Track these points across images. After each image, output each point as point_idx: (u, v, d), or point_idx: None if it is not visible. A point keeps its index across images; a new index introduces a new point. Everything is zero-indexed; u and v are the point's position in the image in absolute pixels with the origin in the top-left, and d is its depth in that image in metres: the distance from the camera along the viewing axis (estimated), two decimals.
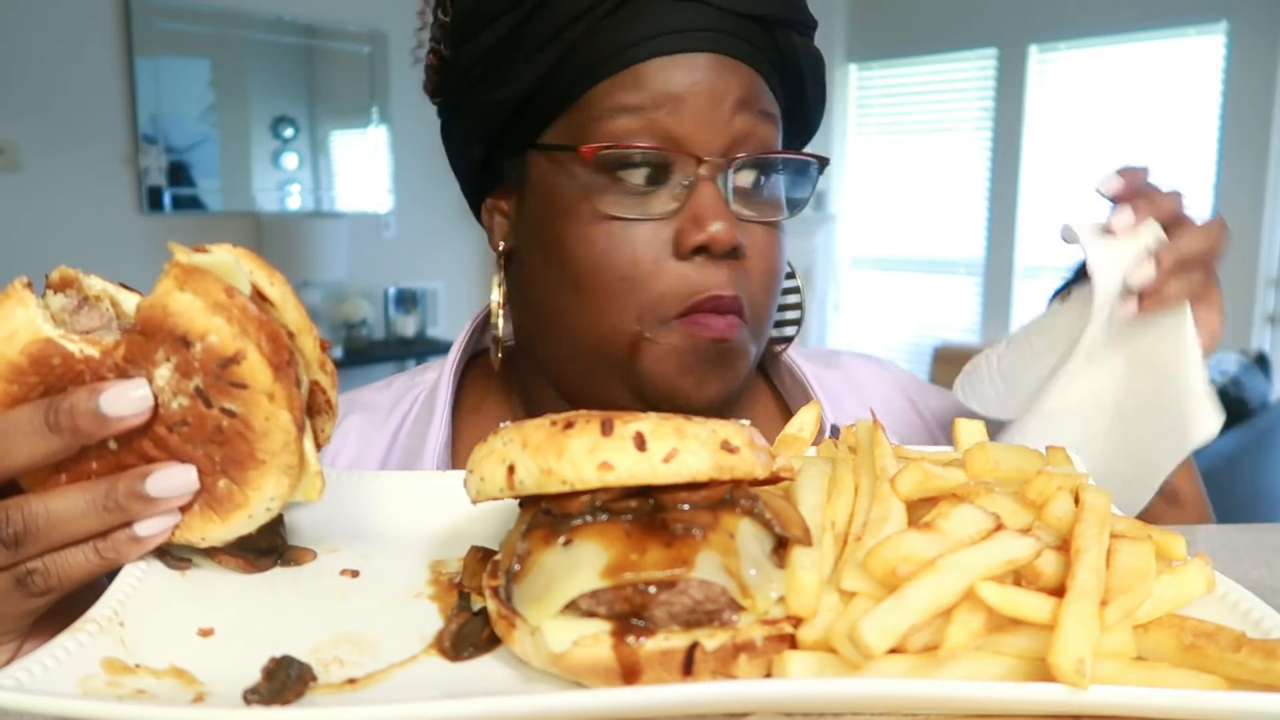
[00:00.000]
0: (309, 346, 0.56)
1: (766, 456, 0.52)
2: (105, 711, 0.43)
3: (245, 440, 0.52)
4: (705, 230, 0.77)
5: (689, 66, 0.79)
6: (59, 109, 4.56)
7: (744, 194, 0.82)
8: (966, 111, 5.80)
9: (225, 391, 0.50)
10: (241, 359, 0.50)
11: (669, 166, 0.80)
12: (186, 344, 0.50)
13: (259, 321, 0.51)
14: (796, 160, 0.85)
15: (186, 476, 0.52)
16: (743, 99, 0.80)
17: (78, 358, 0.51)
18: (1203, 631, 0.47)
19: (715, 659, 0.47)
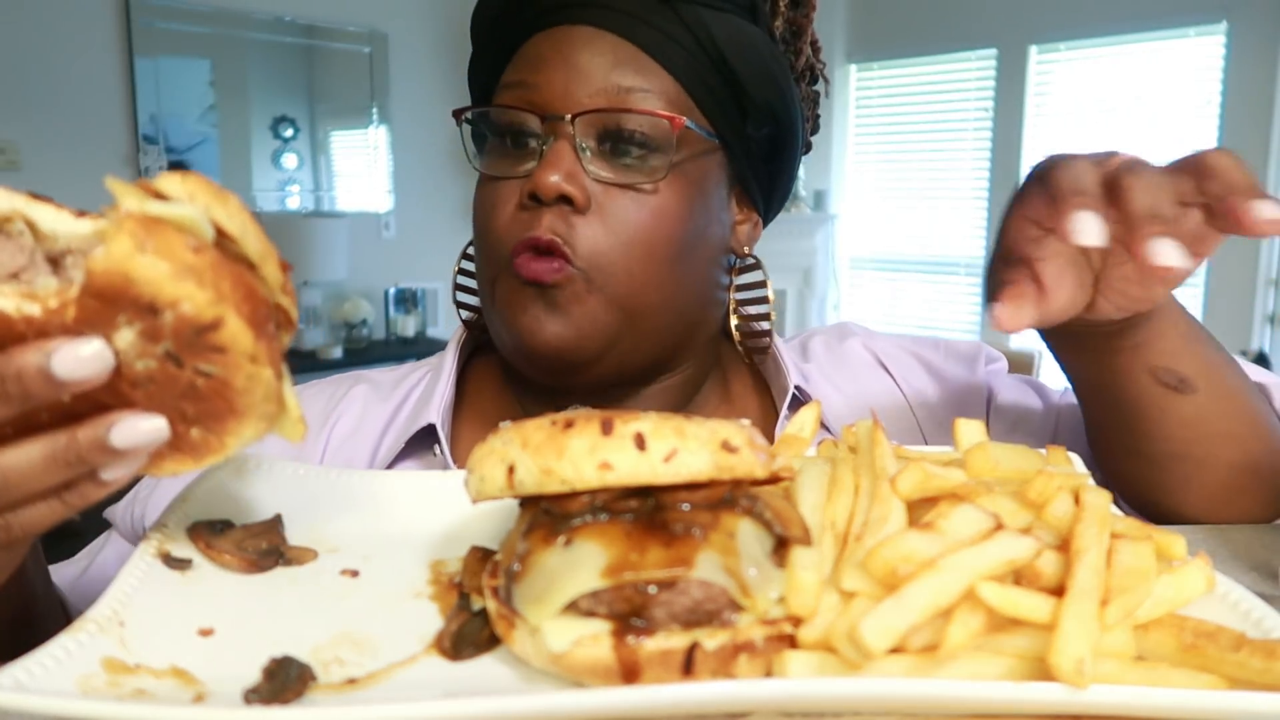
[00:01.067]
0: (271, 272, 0.51)
1: (766, 456, 0.52)
2: (105, 711, 0.43)
3: (223, 397, 0.48)
4: (534, 179, 0.83)
5: (559, 38, 0.86)
6: (59, 109, 4.56)
7: (603, 156, 0.85)
8: (966, 111, 5.80)
9: (201, 355, 0.46)
10: (220, 325, 0.45)
11: (531, 128, 0.86)
12: (154, 311, 0.45)
13: (233, 278, 0.46)
14: (658, 125, 0.85)
15: (156, 427, 0.48)
16: (611, 66, 0.84)
17: (15, 318, 0.44)
18: (1203, 631, 0.47)
19: (715, 659, 0.47)
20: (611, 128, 0.84)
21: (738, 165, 0.93)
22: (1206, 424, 0.82)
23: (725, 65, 0.87)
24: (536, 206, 0.84)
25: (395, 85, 5.57)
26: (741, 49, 0.88)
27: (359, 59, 5.48)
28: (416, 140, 5.73)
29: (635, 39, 0.85)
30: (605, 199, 0.85)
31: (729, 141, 0.91)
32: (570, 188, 0.82)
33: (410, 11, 5.58)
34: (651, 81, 0.85)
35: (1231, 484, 0.84)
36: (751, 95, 0.90)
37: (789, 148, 0.96)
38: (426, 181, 5.83)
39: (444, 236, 5.98)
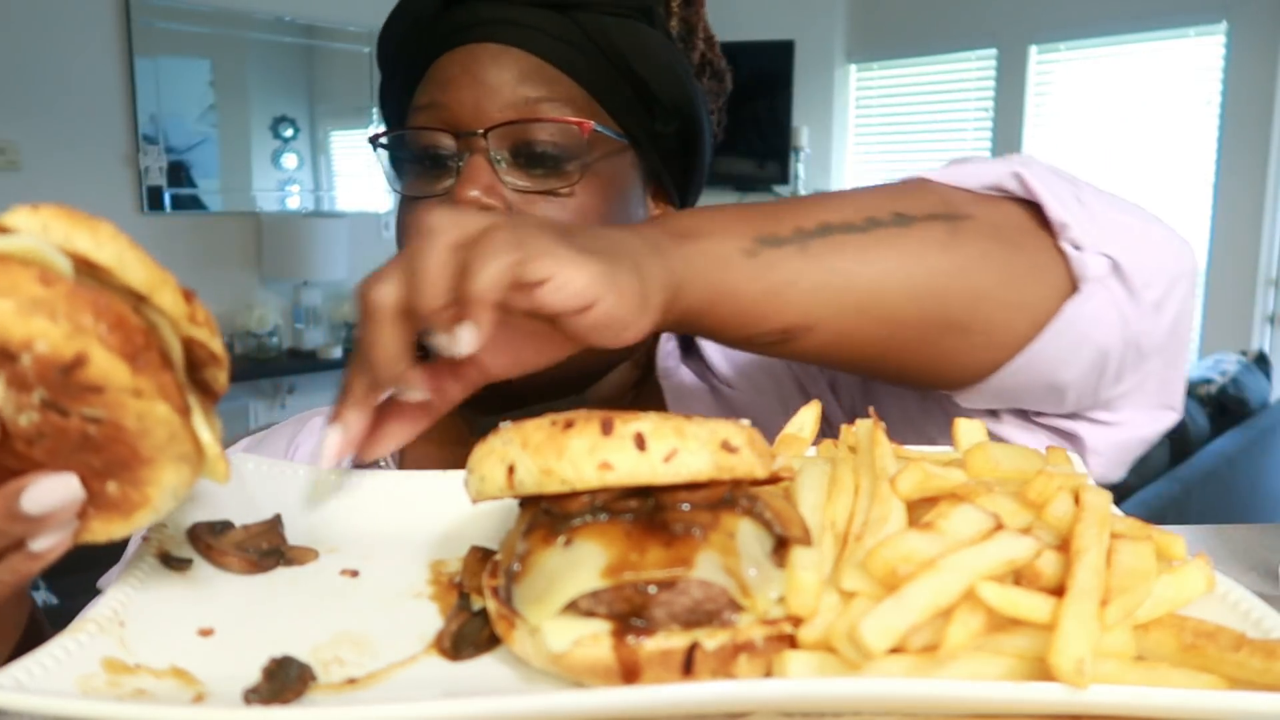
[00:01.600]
0: (169, 301, 0.47)
1: (766, 456, 0.52)
2: (105, 711, 0.43)
3: (122, 442, 0.44)
4: (453, 196, 0.85)
5: (465, 57, 0.88)
6: (59, 109, 4.56)
7: (518, 166, 0.87)
8: (966, 111, 5.80)
9: (79, 398, 0.42)
10: (85, 361, 0.41)
11: (445, 147, 0.88)
12: (10, 357, 0.40)
13: (94, 308, 0.41)
14: (567, 131, 0.87)
15: (67, 487, 0.45)
16: (518, 80, 0.87)
17: None
18: (1203, 631, 0.47)
19: (715, 659, 0.47)
20: (523, 138, 0.86)
21: (650, 162, 0.95)
22: (845, 343, 0.71)
23: (627, 68, 0.90)
24: None
25: None
26: (641, 51, 0.90)
27: (359, 59, 5.48)
28: None
29: (539, 51, 0.87)
30: (525, 206, 0.86)
31: (639, 140, 0.93)
32: (489, 200, 0.84)
33: None
34: (558, 90, 0.87)
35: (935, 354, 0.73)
36: (656, 94, 0.92)
37: (698, 141, 0.98)
38: None
39: None
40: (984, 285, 0.71)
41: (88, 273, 0.44)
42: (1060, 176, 0.75)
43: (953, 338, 0.72)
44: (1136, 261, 0.72)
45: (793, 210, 0.71)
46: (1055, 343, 0.71)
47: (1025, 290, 0.71)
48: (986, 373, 0.73)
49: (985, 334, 0.71)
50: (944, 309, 0.70)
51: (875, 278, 0.69)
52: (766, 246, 0.68)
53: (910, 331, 0.71)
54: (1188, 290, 0.75)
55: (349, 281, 5.42)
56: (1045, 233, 0.72)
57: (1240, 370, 3.93)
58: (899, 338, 0.71)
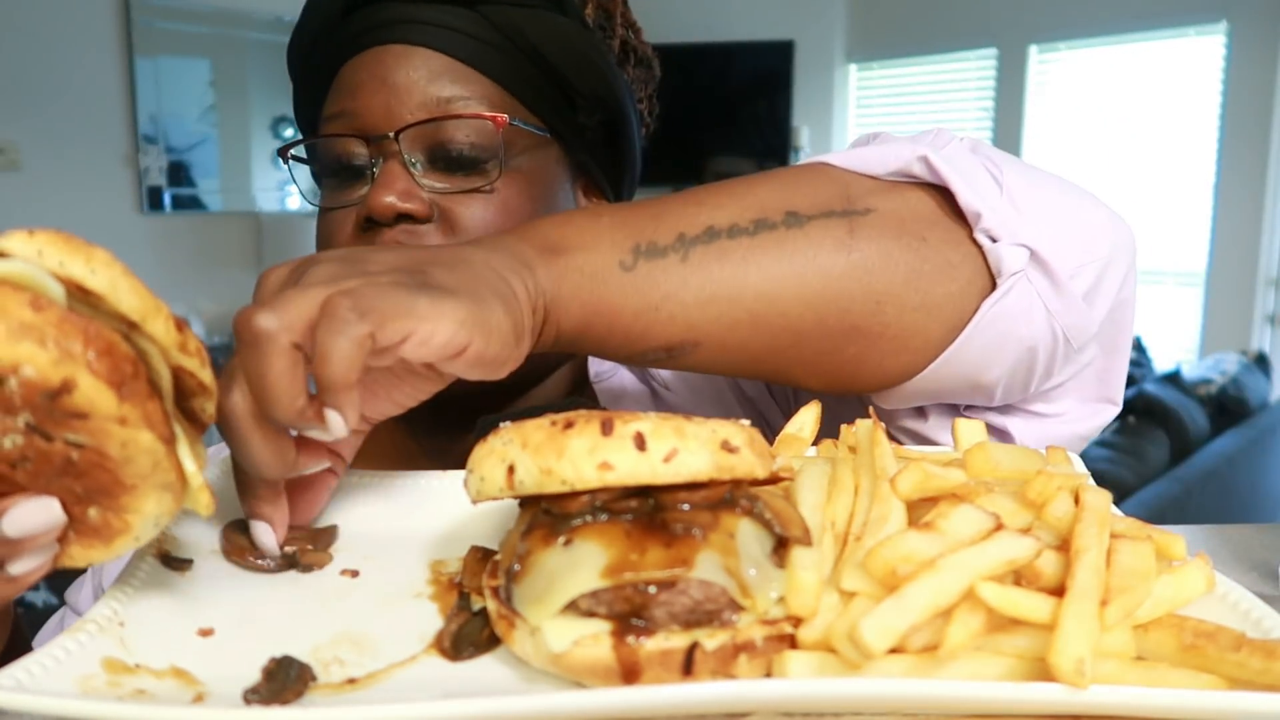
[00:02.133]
0: (160, 330, 0.46)
1: (766, 456, 0.52)
2: (105, 711, 0.43)
3: (105, 469, 0.44)
4: (367, 202, 0.82)
5: (372, 61, 0.85)
6: (59, 109, 4.56)
7: (435, 167, 0.85)
8: (966, 111, 5.80)
9: (64, 424, 0.42)
10: (71, 388, 0.41)
11: (357, 155, 0.86)
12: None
13: (84, 335, 0.42)
14: (483, 128, 0.84)
15: (48, 511, 0.45)
16: (429, 80, 0.84)
17: None
18: (1203, 631, 0.47)
19: (715, 659, 0.47)
20: (437, 138, 0.84)
21: (577, 156, 0.93)
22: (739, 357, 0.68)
23: (542, 60, 0.87)
24: (375, 229, 0.83)
25: None
26: (555, 42, 0.88)
27: None
28: None
29: (448, 49, 0.85)
30: (447, 206, 0.84)
31: (562, 134, 0.90)
32: (407, 204, 0.82)
33: None
34: (471, 88, 0.85)
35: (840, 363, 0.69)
36: (575, 86, 0.89)
37: (624, 132, 0.95)
38: None
39: None
40: (888, 287, 0.65)
41: (81, 299, 0.44)
42: (978, 156, 0.70)
43: (859, 344, 0.67)
44: (1060, 250, 0.66)
45: (677, 211, 0.65)
46: (975, 343, 0.67)
47: (935, 290, 0.66)
48: (901, 378, 0.69)
49: (894, 339, 0.66)
50: (845, 316, 0.65)
51: (765, 286, 0.64)
52: (645, 258, 0.63)
53: (811, 341, 0.66)
54: (1122, 275, 0.70)
55: None
56: (958, 222, 0.67)
57: (1240, 370, 3.93)
58: (799, 348, 0.66)
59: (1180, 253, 4.96)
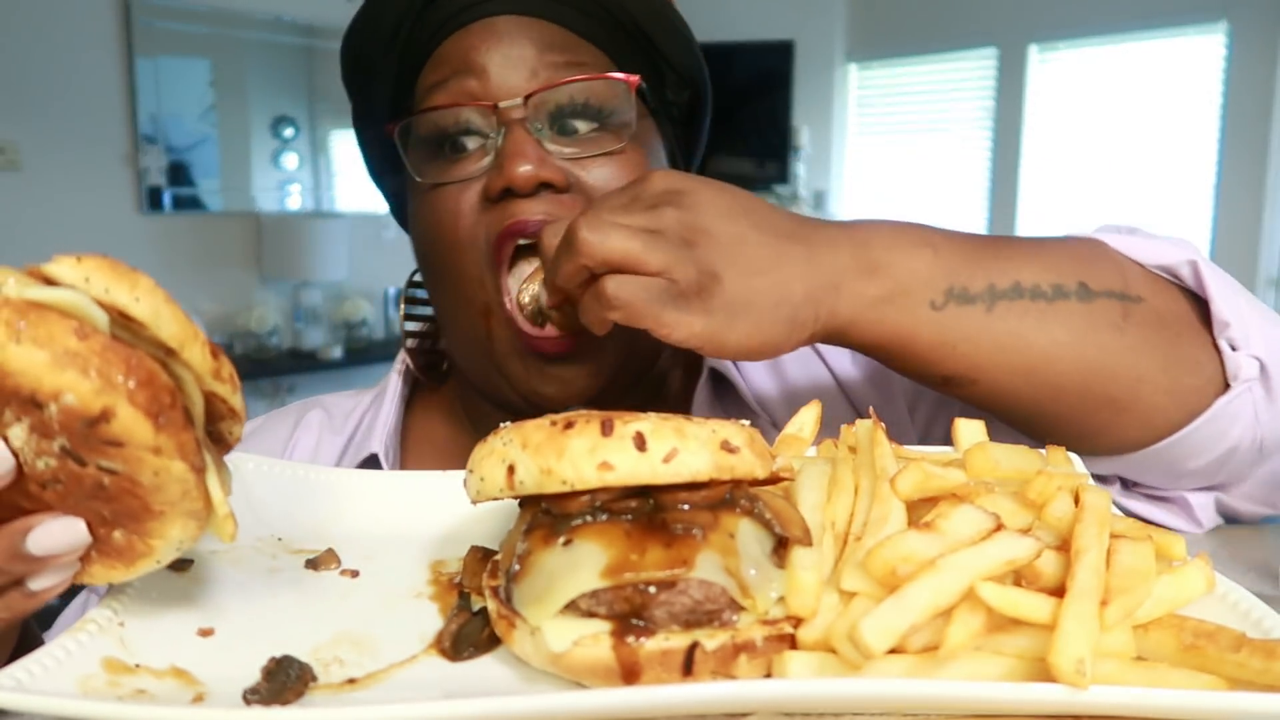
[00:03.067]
0: (197, 357, 0.47)
1: (766, 456, 0.52)
2: (105, 711, 0.43)
3: (135, 495, 0.45)
4: (505, 173, 0.79)
5: (483, 32, 0.83)
6: (59, 109, 4.56)
7: (561, 133, 0.83)
8: (966, 111, 5.80)
9: (99, 450, 0.43)
10: (110, 416, 0.42)
11: (477, 125, 0.83)
12: (38, 405, 0.41)
13: (126, 364, 0.42)
14: (611, 90, 0.84)
15: (74, 531, 0.46)
16: (542, 49, 0.83)
17: None
18: (1203, 631, 0.47)
19: (715, 659, 0.47)
20: (563, 103, 0.82)
21: (664, 133, 0.92)
22: (1004, 400, 0.74)
23: (640, 33, 0.87)
24: (511, 199, 0.81)
25: None
26: (654, 15, 0.87)
27: None
28: None
29: (558, 19, 0.84)
30: (580, 173, 0.82)
31: (656, 109, 0.90)
32: (546, 172, 0.80)
33: None
34: (583, 55, 0.84)
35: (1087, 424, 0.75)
36: (670, 60, 0.89)
37: (704, 112, 0.95)
38: None
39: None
40: (1148, 370, 0.73)
41: (123, 324, 0.45)
42: (1221, 273, 0.77)
43: (1109, 413, 0.74)
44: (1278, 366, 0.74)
45: (988, 262, 0.72)
46: (1199, 433, 0.74)
47: (1183, 380, 0.74)
48: (1130, 449, 0.76)
49: (1140, 415, 0.74)
50: (1107, 386, 0.72)
51: (1049, 347, 0.71)
52: (955, 301, 0.70)
53: (1070, 400, 0.73)
54: None
55: (349, 281, 5.42)
56: (1204, 327, 0.75)
57: None
58: (1057, 403, 0.73)
59: None
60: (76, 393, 0.41)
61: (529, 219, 0.79)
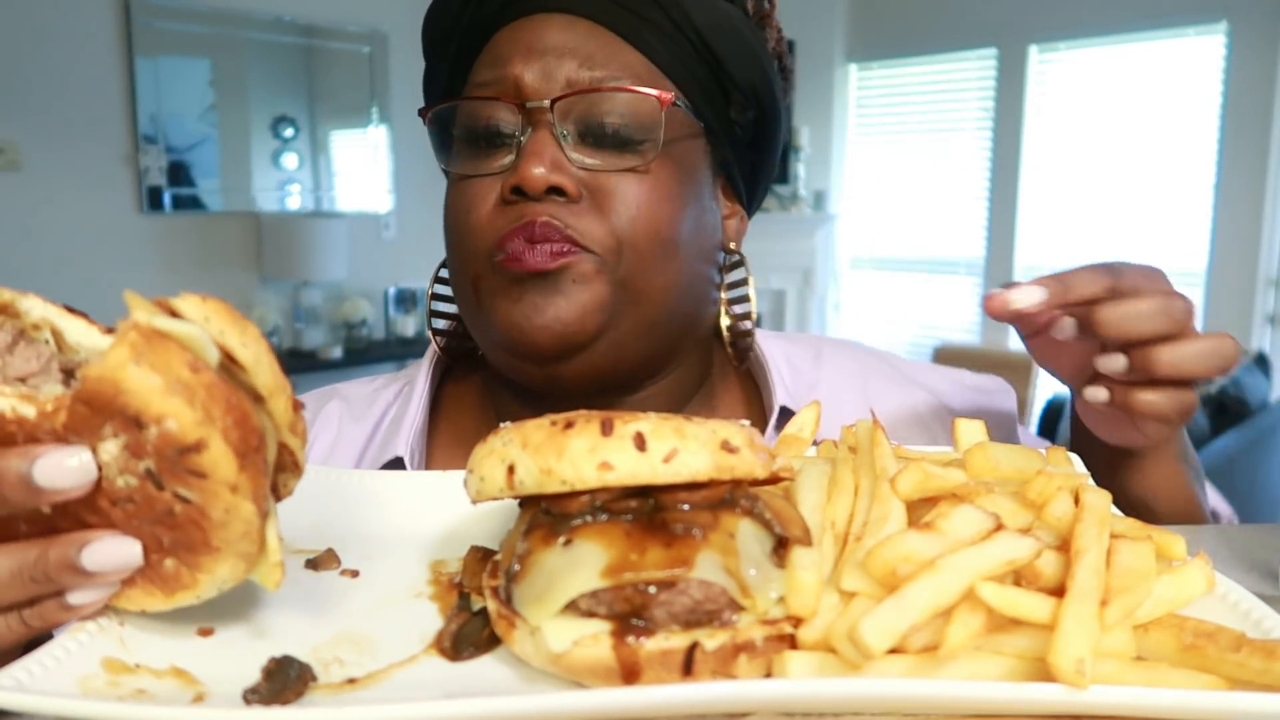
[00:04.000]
0: (280, 408, 0.50)
1: (766, 456, 0.52)
2: (105, 711, 0.43)
3: (199, 527, 0.47)
4: (518, 172, 0.79)
5: (530, 27, 0.83)
6: (59, 109, 4.56)
7: (586, 142, 0.82)
8: (966, 111, 5.80)
9: (181, 478, 0.45)
10: (203, 448, 0.44)
11: (506, 121, 0.82)
12: (139, 425, 0.44)
13: (226, 403, 0.45)
14: (643, 106, 0.81)
15: (130, 551, 0.47)
16: (586, 53, 0.81)
17: (9, 418, 0.44)
18: (1203, 631, 0.47)
19: (715, 659, 0.47)
20: (594, 112, 0.81)
21: (721, 153, 0.89)
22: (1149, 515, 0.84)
23: (705, 46, 0.84)
24: (521, 201, 0.80)
25: (395, 85, 5.57)
26: (721, 29, 0.85)
27: (359, 59, 5.48)
28: (416, 140, 5.71)
29: (611, 24, 0.82)
30: (596, 185, 0.81)
31: (711, 127, 0.87)
32: (559, 177, 0.79)
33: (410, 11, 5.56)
34: (628, 66, 0.82)
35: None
36: (734, 77, 0.86)
37: (772, 134, 0.92)
38: (426, 181, 5.80)
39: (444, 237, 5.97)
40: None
41: (226, 365, 0.47)
42: None
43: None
44: None
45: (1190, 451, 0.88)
46: None
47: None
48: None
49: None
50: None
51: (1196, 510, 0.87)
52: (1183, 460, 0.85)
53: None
54: None
55: (349, 281, 5.42)
56: None
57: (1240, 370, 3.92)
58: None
59: (1180, 253, 4.96)
60: (179, 420, 0.43)
61: (532, 220, 0.79)
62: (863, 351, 1.07)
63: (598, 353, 0.83)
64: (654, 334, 0.86)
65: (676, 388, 0.94)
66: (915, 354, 6.04)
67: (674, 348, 0.90)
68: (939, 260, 6.01)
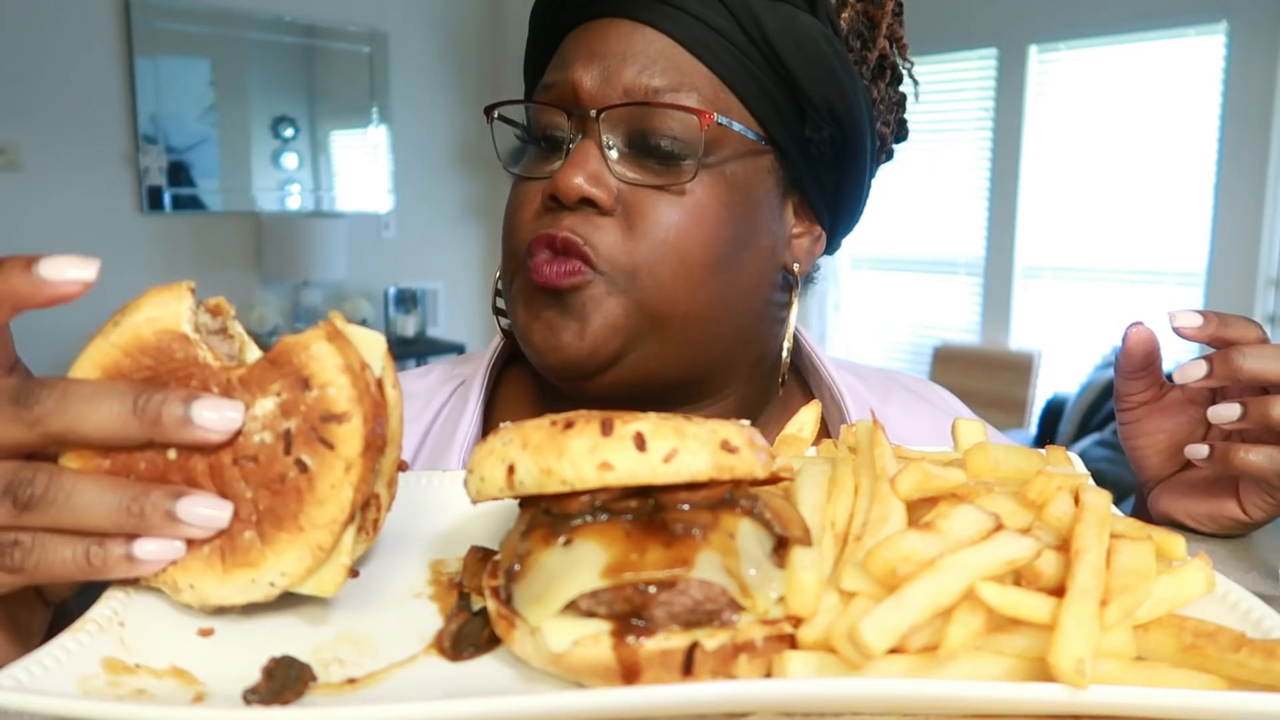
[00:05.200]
0: (391, 459, 0.56)
1: (766, 456, 0.52)
2: (105, 711, 0.43)
3: (299, 499, 0.50)
4: (555, 180, 0.79)
5: (595, 32, 0.82)
6: (59, 109, 4.56)
7: (630, 155, 0.81)
8: (966, 111, 5.80)
9: (311, 444, 0.49)
10: (344, 420, 0.49)
11: (559, 128, 0.83)
12: (305, 386, 0.50)
13: (375, 403, 0.51)
14: (689, 123, 0.80)
15: (221, 512, 0.49)
16: (646, 62, 0.80)
17: (197, 360, 0.51)
18: (1203, 631, 0.47)
19: (715, 659, 0.47)
20: (639, 125, 0.80)
21: (794, 171, 0.86)
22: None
23: (777, 60, 0.81)
24: (558, 208, 0.81)
25: (395, 85, 5.57)
26: (796, 43, 0.82)
27: (359, 59, 5.49)
28: (416, 140, 5.73)
29: (675, 33, 0.80)
30: (633, 200, 0.80)
31: (781, 144, 0.84)
32: (593, 189, 0.79)
33: (410, 11, 5.58)
34: (688, 78, 0.80)
35: None
36: (808, 93, 0.83)
37: (855, 153, 0.88)
38: (426, 181, 5.82)
39: (444, 237, 5.98)
40: None
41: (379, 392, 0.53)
42: None
43: None
44: None
45: None
46: None
47: None
48: None
49: None
50: None
51: None
52: None
53: None
54: None
55: (349, 281, 5.42)
56: None
57: None
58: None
59: (1180, 253, 4.96)
60: (339, 390, 0.49)
61: (555, 233, 0.80)
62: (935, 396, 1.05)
63: (623, 370, 0.83)
64: (689, 355, 0.85)
65: (740, 408, 0.93)
66: (915, 354, 6.04)
67: (722, 370, 0.89)
68: (939, 260, 6.01)
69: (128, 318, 0.52)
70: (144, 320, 0.51)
